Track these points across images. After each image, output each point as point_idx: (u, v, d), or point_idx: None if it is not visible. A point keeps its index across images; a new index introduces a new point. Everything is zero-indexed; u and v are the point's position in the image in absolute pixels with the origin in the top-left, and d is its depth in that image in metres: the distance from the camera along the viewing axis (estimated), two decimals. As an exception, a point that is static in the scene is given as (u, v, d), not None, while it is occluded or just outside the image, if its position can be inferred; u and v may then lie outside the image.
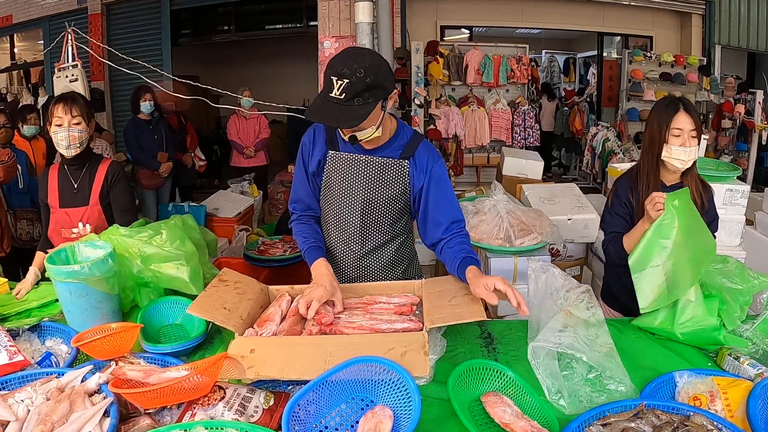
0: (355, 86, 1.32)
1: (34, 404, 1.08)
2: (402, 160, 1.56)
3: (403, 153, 1.57)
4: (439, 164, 1.59)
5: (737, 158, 6.54)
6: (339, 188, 1.59)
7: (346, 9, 4.29)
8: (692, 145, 1.71)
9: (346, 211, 1.61)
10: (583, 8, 7.21)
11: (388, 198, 1.59)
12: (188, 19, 7.62)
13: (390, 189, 1.58)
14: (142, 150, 4.48)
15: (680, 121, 1.70)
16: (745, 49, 7.21)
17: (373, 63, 1.35)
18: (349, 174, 1.58)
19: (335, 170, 1.59)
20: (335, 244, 1.68)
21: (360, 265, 1.68)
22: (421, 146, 1.58)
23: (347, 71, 1.32)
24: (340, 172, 1.58)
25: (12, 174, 3.08)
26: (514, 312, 2.72)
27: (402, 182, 1.58)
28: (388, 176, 1.57)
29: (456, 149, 6.48)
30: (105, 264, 1.51)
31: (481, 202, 2.63)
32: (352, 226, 1.63)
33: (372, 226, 1.63)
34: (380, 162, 1.56)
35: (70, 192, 2.04)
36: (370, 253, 1.67)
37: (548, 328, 1.31)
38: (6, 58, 8.47)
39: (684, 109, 1.71)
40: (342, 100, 1.33)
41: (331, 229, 1.67)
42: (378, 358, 1.14)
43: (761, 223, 2.83)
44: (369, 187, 1.58)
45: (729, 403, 1.12)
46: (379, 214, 1.61)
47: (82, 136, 1.98)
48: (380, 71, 1.36)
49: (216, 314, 1.36)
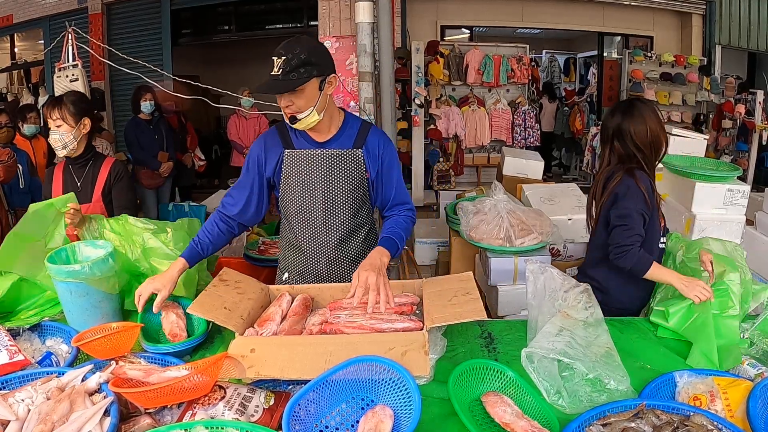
0: (290, 62, 1.43)
1: (35, 404, 1.08)
2: (355, 149, 1.64)
3: (356, 142, 1.65)
4: (389, 149, 1.68)
5: (737, 158, 6.54)
6: (299, 184, 1.65)
7: (346, 9, 4.29)
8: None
9: (308, 205, 1.66)
10: (583, 8, 7.21)
11: (348, 188, 1.65)
12: (188, 19, 7.62)
13: (348, 178, 1.64)
14: (142, 150, 4.48)
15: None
16: (746, 49, 7.21)
17: (309, 44, 1.49)
18: (307, 169, 1.64)
19: (293, 167, 1.64)
20: (303, 242, 1.72)
21: (330, 259, 1.72)
22: (371, 134, 1.66)
23: (284, 51, 1.45)
24: (298, 168, 1.64)
25: (12, 174, 3.09)
26: (514, 312, 2.72)
27: (359, 171, 1.64)
28: (345, 166, 1.64)
29: (456, 149, 6.48)
30: (105, 264, 1.51)
31: (482, 202, 2.63)
32: (316, 220, 1.67)
33: (335, 218, 1.67)
34: (335, 153, 1.63)
35: (74, 189, 2.08)
36: (338, 246, 1.70)
37: (543, 333, 1.31)
38: (6, 57, 8.48)
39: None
40: (280, 76, 1.44)
41: (298, 228, 1.71)
42: (378, 358, 1.14)
43: (761, 223, 2.83)
44: (327, 179, 1.64)
45: (729, 403, 1.12)
46: (341, 204, 1.66)
47: (63, 139, 2.03)
48: (316, 51, 1.49)
49: (216, 314, 1.36)
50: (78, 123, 2.05)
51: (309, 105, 1.50)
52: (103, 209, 2.10)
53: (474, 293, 1.42)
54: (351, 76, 3.98)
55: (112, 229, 1.81)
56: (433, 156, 6.38)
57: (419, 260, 4.09)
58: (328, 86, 1.52)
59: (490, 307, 2.67)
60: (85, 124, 2.08)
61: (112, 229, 1.81)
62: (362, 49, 3.15)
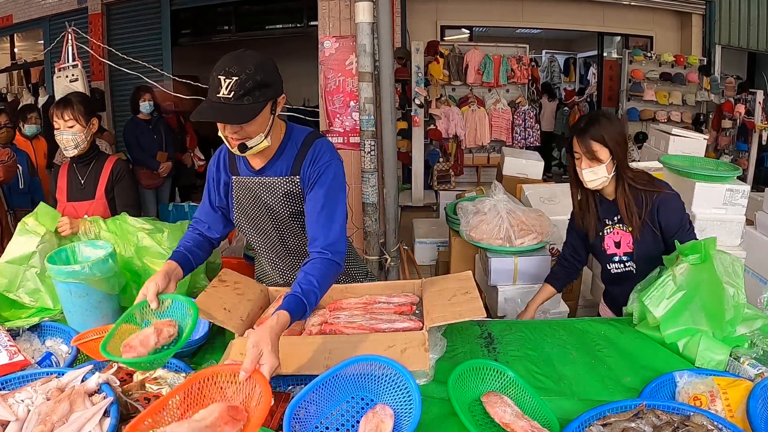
0: (244, 83, 1.24)
1: (34, 404, 1.08)
2: (293, 176, 1.48)
3: (293, 168, 1.48)
4: (318, 168, 1.45)
5: (737, 158, 6.54)
6: (250, 211, 1.58)
7: (346, 9, 4.29)
8: (591, 166, 1.70)
9: (263, 230, 1.62)
10: (583, 8, 7.20)
11: (293, 213, 1.54)
12: (188, 19, 7.62)
13: (291, 205, 1.52)
14: (141, 150, 4.48)
15: (575, 145, 1.73)
16: (746, 49, 7.21)
17: (260, 61, 1.29)
18: (252, 196, 1.55)
19: (241, 194, 1.56)
20: (268, 263, 1.71)
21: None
22: (306, 158, 1.47)
23: (236, 69, 1.25)
24: (245, 195, 1.56)
25: (12, 174, 3.08)
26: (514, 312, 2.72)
27: (298, 198, 1.51)
28: (284, 194, 1.51)
29: (456, 149, 6.47)
30: (105, 264, 1.52)
31: (482, 202, 2.63)
32: (275, 245, 1.64)
33: (292, 240, 1.62)
34: (272, 182, 1.50)
35: (77, 187, 2.16)
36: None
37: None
38: (6, 58, 8.47)
39: (577, 133, 1.72)
40: (231, 99, 1.24)
41: (260, 250, 1.69)
42: (378, 357, 1.14)
43: (761, 223, 2.82)
44: (273, 207, 1.54)
45: (729, 403, 1.12)
46: (293, 227, 1.58)
47: (76, 138, 2.08)
48: (268, 70, 1.30)
49: (216, 315, 1.36)
50: (88, 123, 2.12)
51: (260, 131, 1.34)
52: (106, 207, 2.16)
53: (473, 292, 1.42)
54: (351, 76, 3.97)
55: (108, 228, 1.83)
56: (433, 156, 6.38)
57: (419, 260, 4.09)
58: (278, 108, 1.37)
59: (490, 307, 2.67)
60: (94, 124, 2.15)
61: (108, 229, 1.83)
62: (362, 49, 3.14)
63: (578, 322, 1.63)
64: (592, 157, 1.70)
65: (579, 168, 1.75)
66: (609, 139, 1.69)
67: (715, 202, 2.46)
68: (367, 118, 3.29)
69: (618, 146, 1.71)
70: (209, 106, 1.27)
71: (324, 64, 4.01)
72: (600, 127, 1.70)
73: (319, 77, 4.06)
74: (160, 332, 1.13)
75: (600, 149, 1.69)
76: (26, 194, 3.52)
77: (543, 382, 1.31)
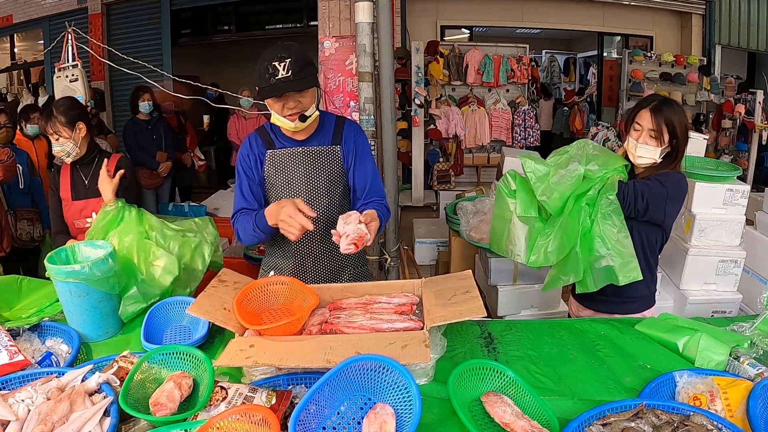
0: (298, 62, 1.48)
1: (35, 404, 1.08)
2: (334, 146, 1.70)
3: (333, 139, 1.71)
4: (362, 139, 1.75)
5: (737, 158, 6.53)
6: (282, 183, 1.68)
7: (346, 9, 4.29)
8: (647, 143, 1.73)
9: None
10: (583, 8, 7.20)
11: (329, 183, 1.70)
12: (188, 19, 7.62)
13: (329, 174, 1.70)
14: (141, 150, 4.49)
15: (643, 117, 1.74)
16: (746, 49, 7.20)
17: (299, 47, 1.53)
18: (289, 167, 1.68)
19: (275, 167, 1.68)
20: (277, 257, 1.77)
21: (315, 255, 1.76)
22: (345, 129, 1.72)
23: (287, 53, 1.48)
24: (280, 167, 1.68)
25: (11, 173, 3.09)
26: (514, 312, 2.73)
27: (338, 166, 1.71)
28: (325, 162, 1.70)
29: (456, 149, 6.47)
30: (105, 264, 1.52)
31: (481, 202, 2.63)
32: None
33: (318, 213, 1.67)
34: (315, 151, 1.69)
35: (82, 186, 2.18)
36: (322, 241, 1.73)
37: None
38: (6, 58, 8.47)
39: (652, 108, 1.73)
40: (291, 77, 1.47)
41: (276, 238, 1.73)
42: (379, 357, 1.13)
43: (761, 223, 2.82)
44: (310, 175, 1.69)
45: (729, 403, 1.12)
46: (322, 199, 1.70)
47: (65, 149, 2.12)
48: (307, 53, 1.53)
49: (216, 315, 1.36)
50: (73, 130, 2.12)
51: (312, 103, 1.57)
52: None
53: (473, 291, 1.42)
54: (351, 76, 3.97)
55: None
56: (432, 156, 6.38)
57: (419, 260, 4.09)
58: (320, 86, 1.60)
59: (490, 307, 2.68)
60: (80, 128, 2.15)
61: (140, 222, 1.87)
62: (362, 49, 3.15)
63: (578, 322, 1.63)
64: (656, 135, 1.72)
65: (635, 140, 1.75)
66: (678, 128, 1.72)
67: (715, 202, 2.46)
68: (367, 118, 3.30)
69: (681, 139, 1.73)
70: (273, 86, 1.48)
71: (324, 64, 4.01)
72: (674, 113, 1.72)
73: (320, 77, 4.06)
74: (179, 385, 1.16)
75: (666, 132, 1.71)
76: (26, 194, 3.51)
77: (543, 382, 1.31)
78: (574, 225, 1.69)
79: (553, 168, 1.73)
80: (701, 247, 2.47)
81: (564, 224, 1.71)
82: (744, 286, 2.53)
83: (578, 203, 1.69)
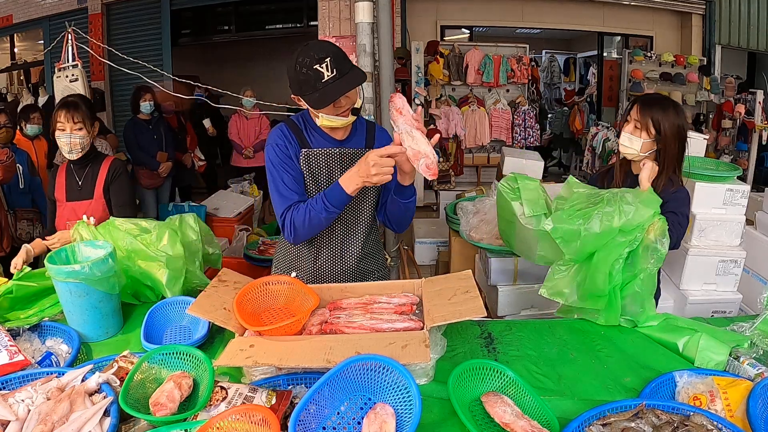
0: (337, 58, 1.42)
1: (35, 404, 1.08)
2: (368, 148, 1.66)
3: (367, 141, 1.68)
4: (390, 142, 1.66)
5: (737, 158, 6.53)
6: (317, 184, 1.63)
7: (346, 9, 4.30)
8: (632, 134, 1.77)
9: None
10: (583, 8, 7.20)
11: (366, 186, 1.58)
12: (188, 19, 7.63)
13: None
14: (141, 150, 4.49)
15: (633, 109, 1.79)
16: (746, 49, 7.20)
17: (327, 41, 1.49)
18: (326, 167, 1.63)
19: (310, 167, 1.63)
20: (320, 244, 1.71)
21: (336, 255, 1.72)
22: (377, 133, 1.71)
23: (323, 53, 1.41)
24: (316, 167, 1.63)
25: (11, 174, 3.09)
26: (514, 312, 2.72)
27: None
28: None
29: (456, 149, 6.48)
30: (105, 264, 1.51)
31: (481, 202, 2.63)
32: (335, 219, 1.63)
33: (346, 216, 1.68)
34: (352, 153, 1.64)
35: (76, 187, 2.18)
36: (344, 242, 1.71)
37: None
38: (6, 58, 8.48)
39: (641, 101, 1.78)
40: (338, 76, 1.41)
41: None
42: (379, 357, 1.13)
43: (761, 223, 2.82)
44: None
45: (729, 403, 1.12)
46: (363, 203, 1.68)
47: (83, 141, 2.11)
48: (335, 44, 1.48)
49: (216, 315, 1.36)
50: (92, 125, 2.15)
51: (357, 93, 1.53)
52: (105, 206, 2.17)
53: (473, 291, 1.42)
54: (351, 76, 3.97)
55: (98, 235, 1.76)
56: (433, 156, 6.38)
57: (419, 260, 4.09)
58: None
59: (490, 307, 2.68)
60: (96, 127, 2.19)
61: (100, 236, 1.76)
62: (362, 49, 3.14)
63: (578, 322, 1.63)
64: (641, 127, 1.75)
65: (624, 132, 1.80)
66: (666, 125, 1.73)
67: (715, 202, 2.46)
68: (367, 118, 3.29)
69: (669, 137, 1.74)
70: (325, 90, 1.41)
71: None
72: (663, 110, 1.74)
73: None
74: (180, 385, 1.15)
75: (651, 126, 1.74)
76: (26, 194, 3.52)
77: (543, 382, 1.31)
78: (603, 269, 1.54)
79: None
80: (701, 247, 2.47)
81: (592, 271, 1.57)
82: (744, 286, 2.53)
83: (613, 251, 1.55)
